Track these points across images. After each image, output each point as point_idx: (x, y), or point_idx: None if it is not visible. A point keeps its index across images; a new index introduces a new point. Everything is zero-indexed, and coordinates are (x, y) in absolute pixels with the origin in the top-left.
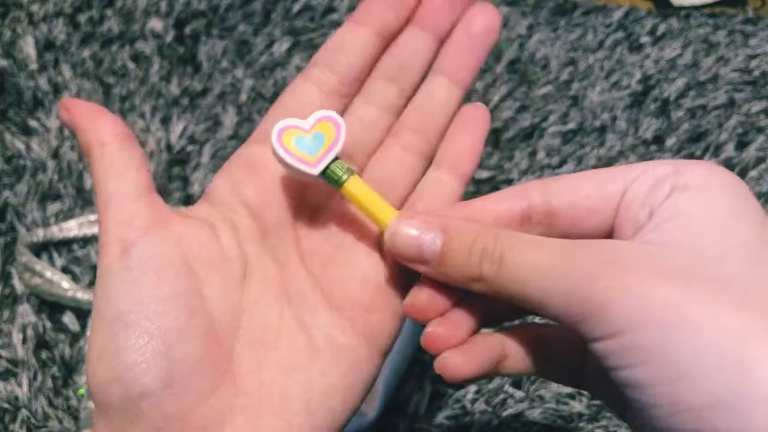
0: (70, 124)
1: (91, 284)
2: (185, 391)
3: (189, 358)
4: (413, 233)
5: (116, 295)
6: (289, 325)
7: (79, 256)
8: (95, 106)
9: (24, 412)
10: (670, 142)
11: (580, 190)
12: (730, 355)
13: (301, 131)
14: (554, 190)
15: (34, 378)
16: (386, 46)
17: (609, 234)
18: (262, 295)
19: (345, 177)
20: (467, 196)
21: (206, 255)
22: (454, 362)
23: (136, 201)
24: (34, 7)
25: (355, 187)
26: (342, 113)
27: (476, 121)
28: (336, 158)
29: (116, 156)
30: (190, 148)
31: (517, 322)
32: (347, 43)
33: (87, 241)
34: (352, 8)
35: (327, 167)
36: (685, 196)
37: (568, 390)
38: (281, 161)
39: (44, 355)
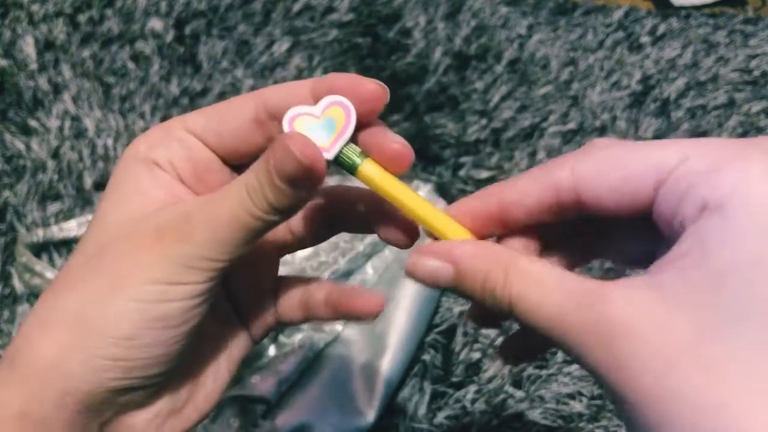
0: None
1: None
2: None
3: None
4: (429, 266)
5: None
6: None
7: None
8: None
9: None
10: None
11: (608, 180)
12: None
13: (312, 117)
14: (582, 181)
15: None
16: None
17: (648, 211)
18: None
19: (359, 161)
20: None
21: None
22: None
23: None
24: (34, 7)
25: (369, 170)
26: None
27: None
28: (348, 143)
29: None
30: None
31: None
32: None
33: None
34: (352, 8)
35: (340, 152)
36: (713, 224)
37: (568, 390)
38: None
39: None
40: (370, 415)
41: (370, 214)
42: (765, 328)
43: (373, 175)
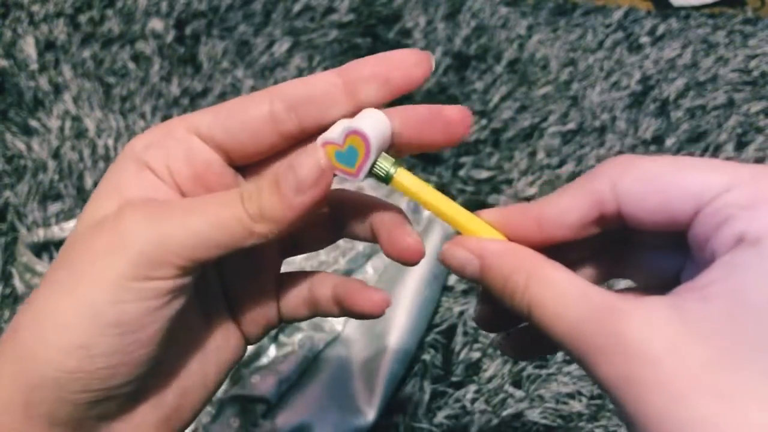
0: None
1: None
2: None
3: None
4: (458, 256)
5: None
6: None
7: None
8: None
9: None
10: (670, 142)
11: (648, 203)
12: None
13: (337, 146)
14: (622, 198)
15: None
16: None
17: (684, 231)
18: None
19: (391, 172)
20: (467, 196)
21: None
22: None
23: None
24: (35, 8)
25: (400, 182)
26: None
27: None
28: (374, 163)
29: None
30: None
31: None
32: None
33: None
34: (352, 9)
35: (369, 172)
36: (747, 257)
37: (567, 390)
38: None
39: None
40: (370, 415)
41: (376, 228)
42: None
43: (405, 185)
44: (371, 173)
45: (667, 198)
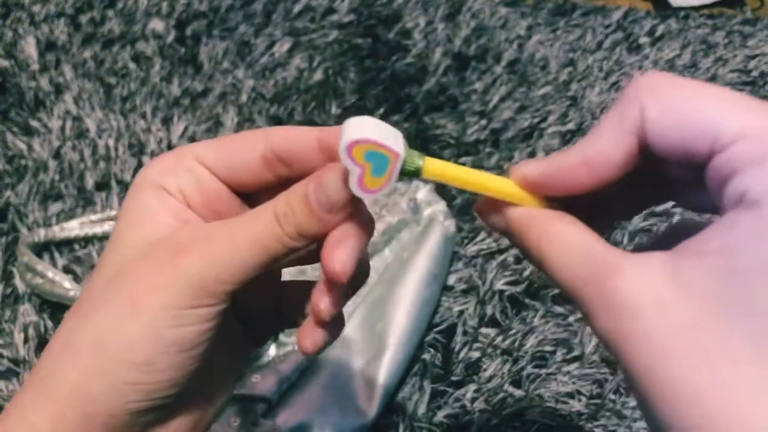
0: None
1: None
2: None
3: None
4: (490, 218)
5: None
6: None
7: (80, 256)
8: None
9: None
10: None
11: (668, 137)
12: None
13: (368, 166)
14: (649, 128)
15: None
16: None
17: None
18: None
19: (421, 163)
20: (467, 196)
21: None
22: None
23: None
24: (36, 8)
25: (430, 171)
26: None
27: None
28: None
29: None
30: None
31: None
32: None
33: (88, 240)
34: (352, 9)
35: (405, 166)
36: (746, 219)
37: (567, 389)
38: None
39: None
40: (370, 414)
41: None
42: None
43: (435, 173)
44: (402, 173)
45: (684, 135)
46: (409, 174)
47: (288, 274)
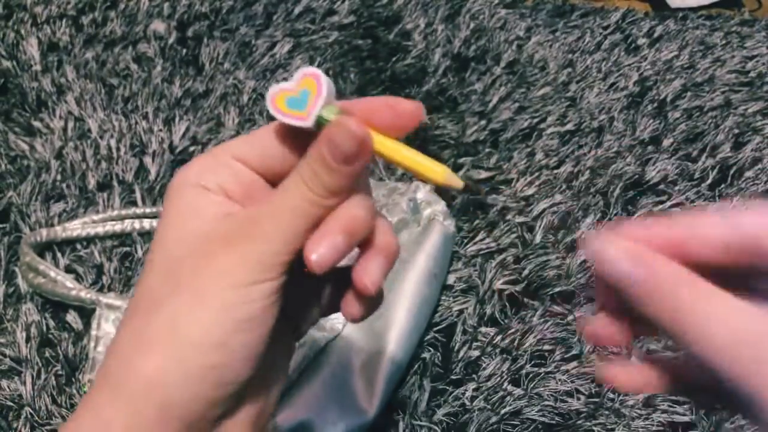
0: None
1: (94, 284)
2: None
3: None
4: (619, 263)
5: None
6: None
7: (82, 256)
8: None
9: (27, 410)
10: (667, 142)
11: None
12: None
13: (290, 92)
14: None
15: (38, 376)
16: None
17: None
18: None
19: (331, 117)
20: (466, 196)
21: None
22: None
23: None
24: (38, 9)
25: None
26: None
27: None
28: (324, 107)
29: None
30: (192, 148)
31: None
32: None
33: (90, 240)
34: (352, 11)
35: (318, 117)
36: None
37: (566, 387)
38: (279, 121)
39: (48, 353)
40: (371, 413)
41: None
42: None
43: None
44: (319, 125)
45: None
46: (322, 122)
47: None
